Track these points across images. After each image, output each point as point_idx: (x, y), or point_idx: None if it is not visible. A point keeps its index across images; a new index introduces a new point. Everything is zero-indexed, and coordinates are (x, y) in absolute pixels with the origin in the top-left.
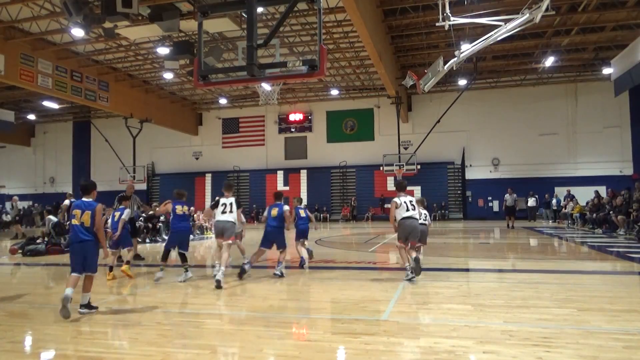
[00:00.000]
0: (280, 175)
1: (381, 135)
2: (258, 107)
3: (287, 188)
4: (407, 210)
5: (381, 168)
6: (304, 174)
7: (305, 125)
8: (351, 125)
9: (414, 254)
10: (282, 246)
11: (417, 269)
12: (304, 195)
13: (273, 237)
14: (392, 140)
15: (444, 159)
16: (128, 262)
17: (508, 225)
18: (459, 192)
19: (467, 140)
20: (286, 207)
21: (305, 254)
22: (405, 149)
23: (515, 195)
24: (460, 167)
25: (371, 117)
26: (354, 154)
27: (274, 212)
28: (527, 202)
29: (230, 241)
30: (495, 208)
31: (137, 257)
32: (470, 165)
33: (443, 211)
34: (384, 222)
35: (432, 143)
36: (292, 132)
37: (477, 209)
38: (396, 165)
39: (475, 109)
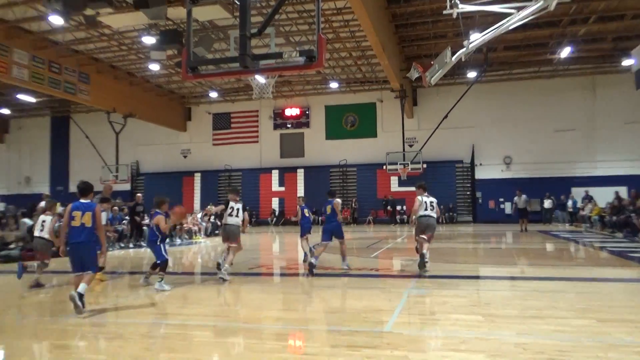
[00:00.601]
0: (275, 174)
1: (384, 132)
2: (251, 102)
3: (282, 189)
4: (426, 209)
5: (384, 167)
6: (300, 174)
7: (302, 121)
8: (352, 121)
9: (424, 249)
10: (341, 237)
11: (421, 264)
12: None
13: (332, 230)
14: (396, 137)
15: (452, 157)
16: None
17: (521, 228)
18: (468, 193)
19: (476, 137)
20: (337, 200)
21: (308, 250)
22: (411, 146)
23: (525, 196)
24: (470, 166)
25: (373, 112)
26: (354, 152)
27: (329, 208)
28: (542, 203)
29: (235, 244)
30: (508, 210)
31: None
32: (481, 164)
33: (451, 213)
34: (388, 225)
35: (439, 140)
36: (288, 128)
37: (487, 211)
38: (400, 164)
39: (486, 103)
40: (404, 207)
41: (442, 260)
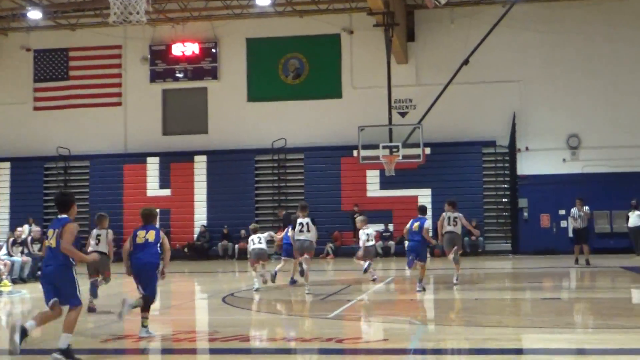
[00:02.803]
0: (152, 165)
1: (355, 89)
2: (109, 29)
3: (166, 192)
4: (449, 224)
5: (355, 153)
6: (200, 164)
7: (205, 67)
8: (296, 69)
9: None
10: (423, 259)
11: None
12: (201, 205)
13: (414, 250)
14: (376, 98)
15: (475, 136)
16: None
17: (577, 260)
18: (504, 200)
19: (520, 100)
20: (428, 222)
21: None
22: (403, 115)
23: (587, 208)
24: (508, 151)
25: (336, 53)
26: (301, 126)
27: (416, 226)
28: (627, 219)
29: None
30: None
31: None
32: (527, 149)
33: (473, 238)
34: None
35: (454, 105)
36: (177, 79)
37: (538, 234)
38: (385, 147)
39: (537, 39)
40: (390, 227)
41: (462, 319)
